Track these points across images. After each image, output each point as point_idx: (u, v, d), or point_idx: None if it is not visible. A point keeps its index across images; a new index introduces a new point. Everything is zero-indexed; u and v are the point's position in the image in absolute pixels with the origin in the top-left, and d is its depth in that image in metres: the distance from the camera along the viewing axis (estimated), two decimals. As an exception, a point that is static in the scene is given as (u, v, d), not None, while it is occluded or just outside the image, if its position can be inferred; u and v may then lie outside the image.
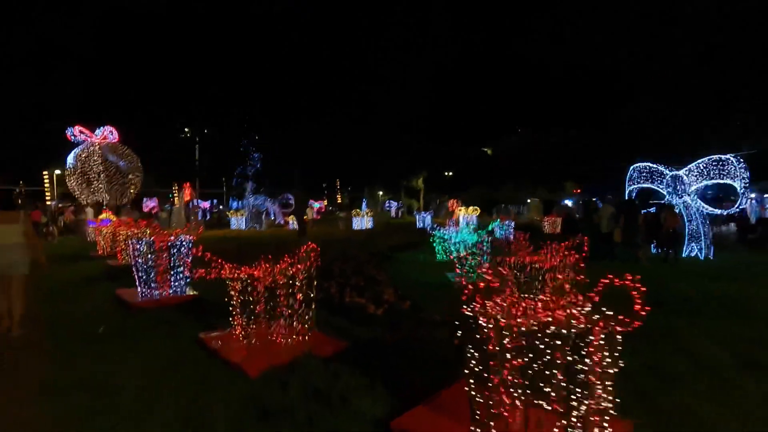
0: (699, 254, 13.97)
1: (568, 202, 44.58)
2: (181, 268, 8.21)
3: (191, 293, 8.28)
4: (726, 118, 28.49)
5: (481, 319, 3.32)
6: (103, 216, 19.65)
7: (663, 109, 31.41)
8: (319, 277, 5.68)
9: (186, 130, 37.23)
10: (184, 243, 8.24)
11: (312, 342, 5.35)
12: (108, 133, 18.49)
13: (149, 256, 8.02)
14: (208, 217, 40.91)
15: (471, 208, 30.87)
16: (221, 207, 48.90)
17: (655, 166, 15.43)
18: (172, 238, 8.25)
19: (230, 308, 5.50)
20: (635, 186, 16.06)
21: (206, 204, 47.44)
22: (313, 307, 5.47)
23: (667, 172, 14.92)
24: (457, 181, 60.50)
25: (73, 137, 17.79)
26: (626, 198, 16.17)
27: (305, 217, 32.79)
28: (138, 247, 7.96)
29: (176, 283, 8.21)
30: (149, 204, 43.15)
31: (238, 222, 31.49)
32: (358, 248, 15.38)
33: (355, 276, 8.90)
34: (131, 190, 20.43)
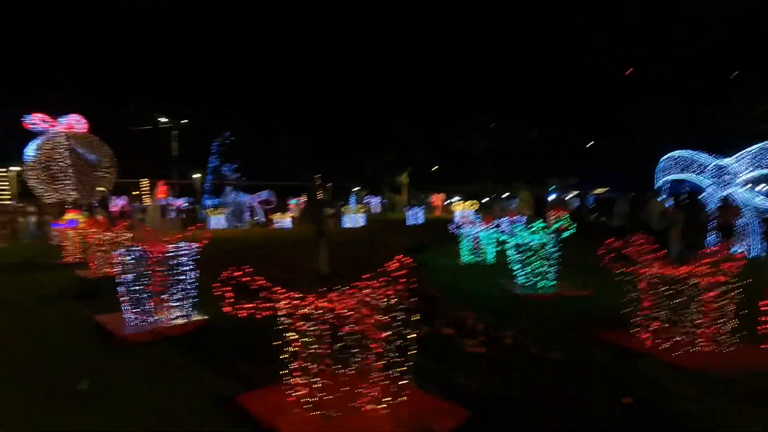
0: (748, 252, 12.67)
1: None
2: (185, 285, 6.26)
3: (198, 318, 6.34)
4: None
5: None
6: (68, 216, 17.25)
7: (663, 109, 30.75)
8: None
9: (164, 120, 34.41)
10: (187, 251, 6.29)
11: (414, 407, 3.55)
12: (74, 122, 16.07)
13: (140, 269, 6.04)
14: (184, 216, 38.24)
15: (469, 202, 29.33)
16: (196, 205, 46.10)
17: (693, 154, 14.09)
18: (171, 246, 6.29)
19: (285, 356, 3.63)
20: (668, 177, 14.73)
21: (180, 202, 44.56)
22: (415, 352, 3.66)
23: (710, 161, 13.57)
24: (441, 176, 59.01)
25: (32, 126, 15.31)
26: (668, 191, 14.87)
27: (291, 214, 30.75)
28: (127, 259, 5.96)
29: (178, 305, 6.25)
30: (118, 203, 40.10)
31: (217, 221, 29.18)
32: (370, 251, 13.57)
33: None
34: (103, 187, 18.03)
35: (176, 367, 4.67)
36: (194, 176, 46.96)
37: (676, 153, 14.53)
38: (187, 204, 44.88)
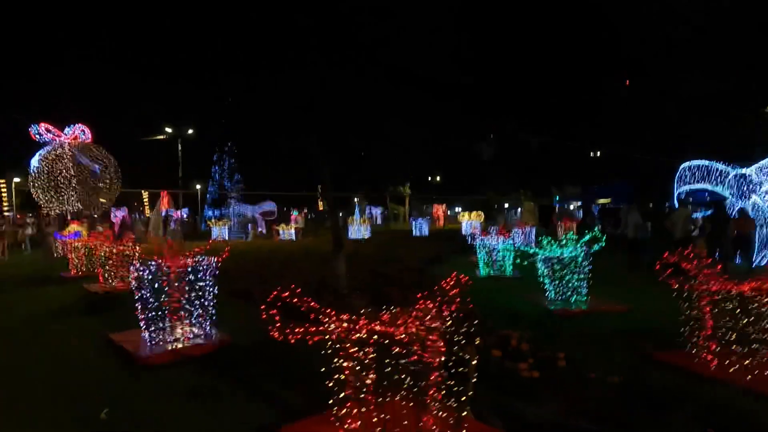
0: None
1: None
2: (205, 302, 5.91)
3: (219, 336, 5.98)
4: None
5: None
6: (72, 228, 16.91)
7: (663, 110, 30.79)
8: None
9: (168, 130, 34.17)
10: (207, 266, 5.95)
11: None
12: (79, 132, 15.81)
13: (156, 285, 5.69)
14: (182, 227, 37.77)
15: (475, 213, 29.01)
16: (197, 217, 45.69)
17: (712, 164, 13.82)
18: (190, 260, 5.95)
19: (332, 384, 3.28)
20: (686, 187, 14.46)
21: (179, 213, 44.09)
22: (474, 379, 3.32)
23: (730, 170, 13.31)
24: (442, 187, 58.95)
25: (38, 136, 15.04)
26: (675, 200, 14.59)
27: (296, 226, 30.35)
28: (144, 273, 5.61)
29: (198, 323, 5.90)
30: (118, 214, 39.70)
31: (220, 232, 28.77)
32: (384, 264, 13.17)
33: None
34: (104, 199, 17.70)
35: (207, 393, 4.31)
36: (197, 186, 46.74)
37: (695, 162, 14.27)
38: (186, 215, 44.47)
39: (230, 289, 9.02)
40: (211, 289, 5.96)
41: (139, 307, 5.69)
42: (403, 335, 3.00)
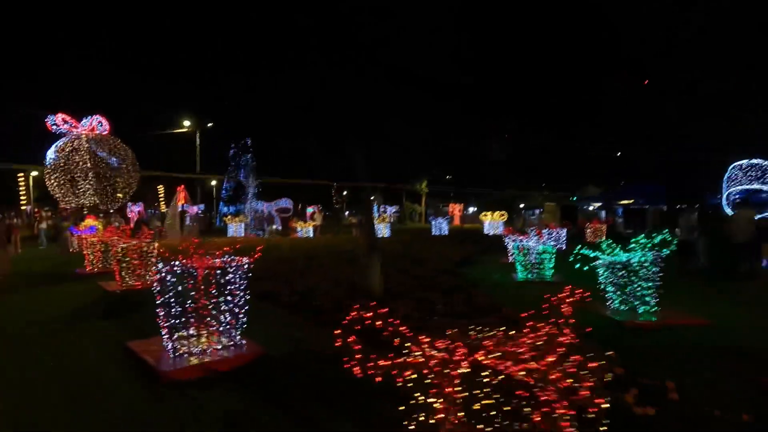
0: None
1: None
2: (235, 308, 5.21)
3: (250, 347, 5.26)
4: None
5: None
6: (88, 222, 16.40)
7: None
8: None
9: (187, 123, 33.73)
10: (237, 268, 5.24)
11: None
12: (96, 123, 15.28)
13: (181, 289, 4.99)
14: (196, 223, 37.41)
15: (497, 213, 28.12)
16: (211, 213, 45.32)
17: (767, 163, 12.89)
18: (218, 261, 5.26)
19: (413, 425, 2.54)
20: (738, 188, 13.51)
21: (194, 209, 43.77)
22: (604, 428, 2.55)
23: (789, 170, 12.38)
24: (457, 185, 58.06)
25: (54, 127, 14.53)
26: (725, 201, 13.63)
27: (314, 223, 29.69)
28: (168, 277, 4.92)
29: (227, 332, 5.20)
30: (134, 209, 39.43)
31: (236, 229, 28.25)
32: (413, 265, 12.40)
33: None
34: (122, 193, 17.17)
35: (242, 420, 3.59)
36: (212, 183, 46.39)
37: (746, 161, 13.35)
38: (202, 211, 44.15)
39: (255, 290, 8.36)
40: (241, 293, 5.26)
41: (162, 313, 5.00)
42: (524, 372, 2.24)
